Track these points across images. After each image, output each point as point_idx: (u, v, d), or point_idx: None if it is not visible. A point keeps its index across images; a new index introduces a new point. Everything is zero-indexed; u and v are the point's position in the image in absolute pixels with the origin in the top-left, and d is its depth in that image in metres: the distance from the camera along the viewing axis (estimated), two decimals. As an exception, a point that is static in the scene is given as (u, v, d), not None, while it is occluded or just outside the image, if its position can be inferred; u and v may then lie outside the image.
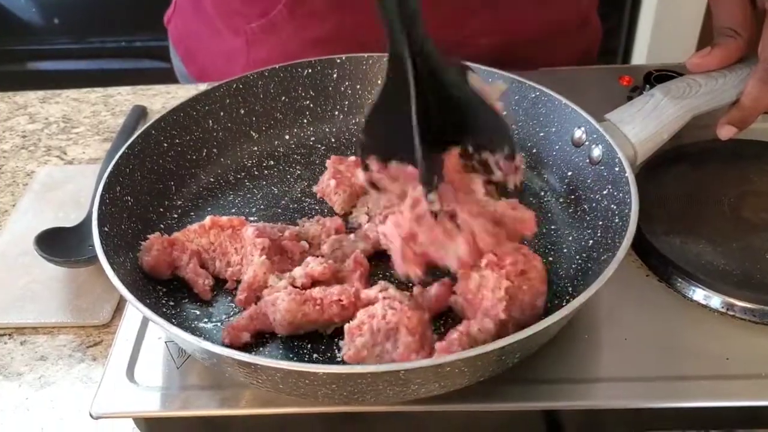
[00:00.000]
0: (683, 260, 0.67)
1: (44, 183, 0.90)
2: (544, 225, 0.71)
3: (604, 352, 0.62)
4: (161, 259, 0.65)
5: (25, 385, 0.67)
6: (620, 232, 0.60)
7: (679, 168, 0.78)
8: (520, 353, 0.55)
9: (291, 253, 0.68)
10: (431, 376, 0.51)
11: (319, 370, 0.49)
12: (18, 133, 1.01)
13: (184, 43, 1.12)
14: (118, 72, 2.16)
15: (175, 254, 0.66)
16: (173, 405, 0.58)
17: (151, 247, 0.65)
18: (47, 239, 0.75)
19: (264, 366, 0.50)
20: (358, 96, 0.86)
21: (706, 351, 0.61)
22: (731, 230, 0.71)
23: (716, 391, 0.58)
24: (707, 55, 0.74)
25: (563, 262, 0.67)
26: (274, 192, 0.79)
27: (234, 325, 0.60)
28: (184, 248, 0.67)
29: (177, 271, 0.67)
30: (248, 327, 0.61)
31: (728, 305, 0.64)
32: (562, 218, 0.72)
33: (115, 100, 1.06)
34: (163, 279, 0.67)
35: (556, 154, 0.77)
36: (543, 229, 0.71)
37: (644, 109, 0.72)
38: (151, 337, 0.64)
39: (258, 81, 0.83)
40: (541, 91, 0.77)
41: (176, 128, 0.77)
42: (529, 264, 0.58)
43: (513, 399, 0.57)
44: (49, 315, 0.72)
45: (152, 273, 0.66)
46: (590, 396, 0.58)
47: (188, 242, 0.67)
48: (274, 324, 0.60)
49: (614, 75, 0.96)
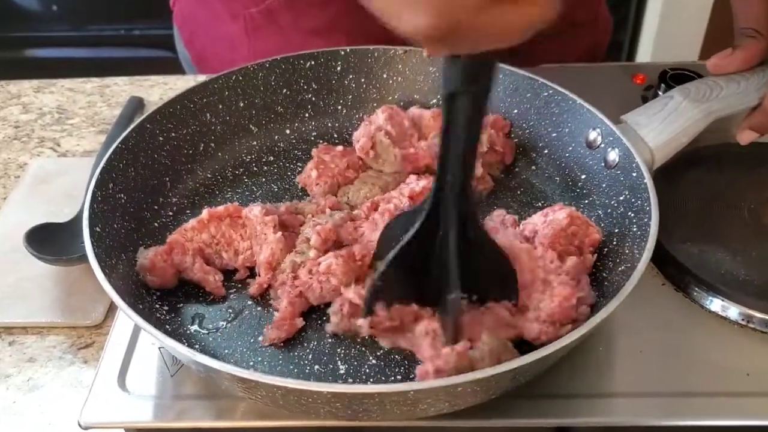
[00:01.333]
0: (701, 269, 0.64)
1: (37, 176, 0.87)
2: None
3: (619, 365, 0.59)
4: (167, 272, 0.63)
5: (13, 387, 0.64)
6: (638, 242, 0.58)
7: (696, 172, 0.75)
8: (535, 372, 0.53)
9: (293, 228, 0.66)
10: (442, 396, 0.48)
11: (323, 389, 0.46)
12: (10, 124, 0.98)
13: (188, 28, 1.09)
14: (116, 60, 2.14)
15: (177, 259, 0.63)
16: (167, 416, 0.56)
17: (153, 267, 0.62)
18: (38, 235, 0.72)
19: (265, 383, 0.47)
20: (363, 90, 0.83)
21: (725, 366, 0.59)
22: (751, 238, 0.68)
23: (737, 408, 0.55)
24: (728, 57, 0.72)
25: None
26: (273, 189, 0.76)
27: (281, 318, 0.59)
28: (185, 249, 0.64)
29: (183, 274, 0.64)
30: (295, 312, 0.59)
31: (747, 317, 0.62)
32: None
33: (111, 90, 1.03)
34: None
35: (569, 156, 0.74)
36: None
37: (663, 112, 0.69)
38: (144, 342, 0.61)
39: (258, 73, 0.80)
40: (555, 89, 0.75)
41: (172, 121, 0.74)
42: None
43: (523, 415, 0.55)
44: (39, 314, 0.70)
45: (160, 288, 0.63)
46: (604, 412, 0.56)
47: (188, 242, 0.64)
48: (322, 294, 0.60)
49: (627, 73, 0.93)
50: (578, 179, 0.72)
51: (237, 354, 0.59)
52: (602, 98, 0.73)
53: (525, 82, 0.77)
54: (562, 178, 0.74)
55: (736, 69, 0.71)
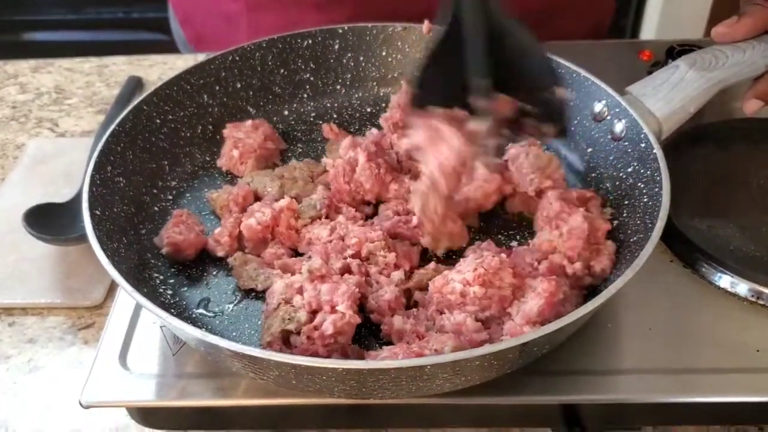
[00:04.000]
0: (710, 245, 0.63)
1: (34, 156, 0.86)
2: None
3: (627, 342, 0.58)
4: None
5: (13, 368, 0.64)
6: (651, 212, 0.57)
7: (703, 148, 0.74)
8: (549, 345, 0.52)
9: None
10: (460, 370, 0.48)
11: (338, 366, 0.46)
12: (8, 104, 0.97)
13: (183, 6, 1.07)
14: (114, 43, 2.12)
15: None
16: (169, 394, 0.55)
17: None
18: (37, 215, 0.71)
19: (278, 362, 0.46)
20: (362, 68, 0.82)
21: (734, 342, 0.58)
22: (760, 214, 0.67)
23: (747, 385, 0.55)
24: (734, 24, 0.70)
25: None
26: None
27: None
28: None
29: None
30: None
31: (757, 293, 0.61)
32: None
33: (109, 70, 1.02)
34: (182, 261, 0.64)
35: (575, 129, 0.72)
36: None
37: (669, 82, 0.68)
38: (146, 321, 0.60)
39: (255, 53, 0.78)
40: (558, 63, 0.73)
41: (169, 103, 0.73)
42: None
43: (530, 392, 0.54)
44: (39, 295, 0.69)
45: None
46: (612, 389, 0.55)
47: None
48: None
49: (633, 49, 0.91)
50: (585, 153, 0.71)
51: (244, 336, 0.58)
52: (608, 74, 0.72)
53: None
54: (568, 152, 0.73)
55: (743, 37, 0.70)
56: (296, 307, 0.55)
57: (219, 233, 0.65)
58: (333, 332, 0.52)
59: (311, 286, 0.55)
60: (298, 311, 0.55)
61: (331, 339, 0.52)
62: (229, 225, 0.65)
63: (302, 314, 0.54)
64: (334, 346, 0.53)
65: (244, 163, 0.72)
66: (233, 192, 0.68)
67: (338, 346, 0.53)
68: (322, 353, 0.53)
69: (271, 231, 0.64)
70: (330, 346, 0.53)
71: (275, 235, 0.65)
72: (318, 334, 0.53)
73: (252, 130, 0.74)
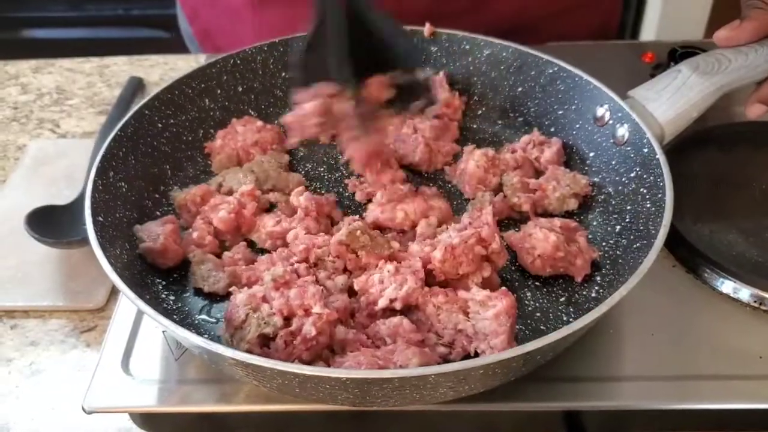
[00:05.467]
0: (712, 250, 0.63)
1: (36, 157, 0.86)
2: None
3: (629, 348, 0.58)
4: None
5: (15, 372, 0.64)
6: (654, 218, 0.57)
7: (706, 152, 0.74)
8: (553, 352, 0.52)
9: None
10: (464, 379, 0.48)
11: (342, 375, 0.46)
12: (9, 105, 0.97)
13: (191, 2, 1.07)
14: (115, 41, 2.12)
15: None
16: (171, 400, 0.55)
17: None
18: (39, 218, 0.71)
19: (282, 371, 0.46)
20: (364, 70, 0.82)
21: (737, 349, 0.58)
22: (763, 219, 0.67)
23: (749, 392, 0.55)
24: (737, 28, 0.70)
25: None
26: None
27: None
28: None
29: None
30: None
31: (759, 299, 0.61)
32: (584, 202, 0.68)
33: (110, 70, 1.02)
34: (165, 268, 0.63)
35: (577, 133, 0.72)
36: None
37: (671, 86, 0.68)
38: (148, 326, 0.60)
39: (256, 56, 0.78)
40: (560, 66, 0.73)
41: (171, 107, 0.73)
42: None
43: (533, 399, 0.54)
44: (41, 298, 0.69)
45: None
46: (614, 396, 0.55)
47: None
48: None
49: (636, 51, 0.91)
50: (586, 157, 0.71)
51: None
52: (610, 76, 0.72)
53: (529, 59, 0.75)
54: (569, 156, 0.73)
55: (746, 41, 0.70)
56: (266, 314, 0.55)
57: (199, 236, 0.64)
58: (315, 334, 0.53)
59: (277, 294, 0.55)
60: (272, 316, 0.54)
61: (314, 341, 0.53)
62: (203, 226, 0.65)
63: (277, 319, 0.54)
64: (316, 348, 0.53)
65: (219, 154, 0.74)
66: (191, 191, 0.69)
67: (320, 347, 0.54)
68: (305, 357, 0.53)
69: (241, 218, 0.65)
70: (313, 349, 0.53)
71: (241, 224, 0.65)
72: (300, 339, 0.53)
73: (254, 130, 0.75)
